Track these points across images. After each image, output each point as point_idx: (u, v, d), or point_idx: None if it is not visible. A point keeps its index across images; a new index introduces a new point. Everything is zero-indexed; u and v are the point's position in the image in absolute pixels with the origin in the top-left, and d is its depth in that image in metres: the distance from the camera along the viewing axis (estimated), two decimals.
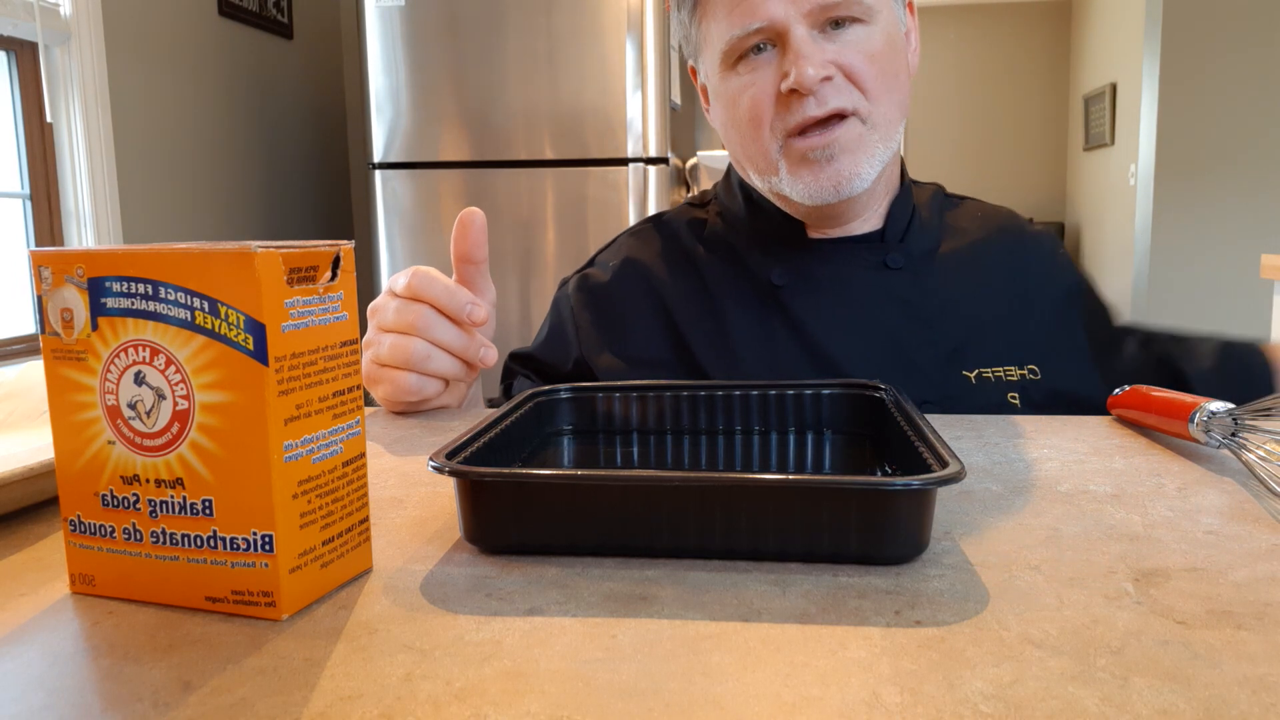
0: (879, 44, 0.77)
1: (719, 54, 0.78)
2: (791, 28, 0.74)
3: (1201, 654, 0.30)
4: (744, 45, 0.77)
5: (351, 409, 0.37)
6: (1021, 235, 0.89)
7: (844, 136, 0.76)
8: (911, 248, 0.84)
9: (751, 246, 0.86)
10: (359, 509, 0.38)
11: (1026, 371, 0.81)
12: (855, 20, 0.76)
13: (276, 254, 0.33)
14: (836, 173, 0.77)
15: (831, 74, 0.75)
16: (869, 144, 0.77)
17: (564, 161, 2.48)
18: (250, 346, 0.33)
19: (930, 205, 0.89)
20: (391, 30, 2.47)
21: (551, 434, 0.57)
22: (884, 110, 0.78)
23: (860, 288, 0.82)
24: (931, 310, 0.81)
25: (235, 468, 0.34)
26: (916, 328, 0.81)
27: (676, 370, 0.84)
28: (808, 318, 0.81)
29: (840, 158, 0.77)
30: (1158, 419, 0.58)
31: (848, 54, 0.75)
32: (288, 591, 0.35)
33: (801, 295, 0.83)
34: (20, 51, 2.15)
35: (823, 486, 0.39)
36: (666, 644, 0.32)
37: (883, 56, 0.77)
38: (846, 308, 0.82)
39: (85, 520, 0.37)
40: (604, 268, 0.91)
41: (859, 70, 0.76)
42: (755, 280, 0.85)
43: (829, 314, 0.81)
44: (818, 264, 0.84)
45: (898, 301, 0.82)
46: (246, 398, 0.33)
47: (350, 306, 0.37)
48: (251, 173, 2.87)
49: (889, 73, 0.77)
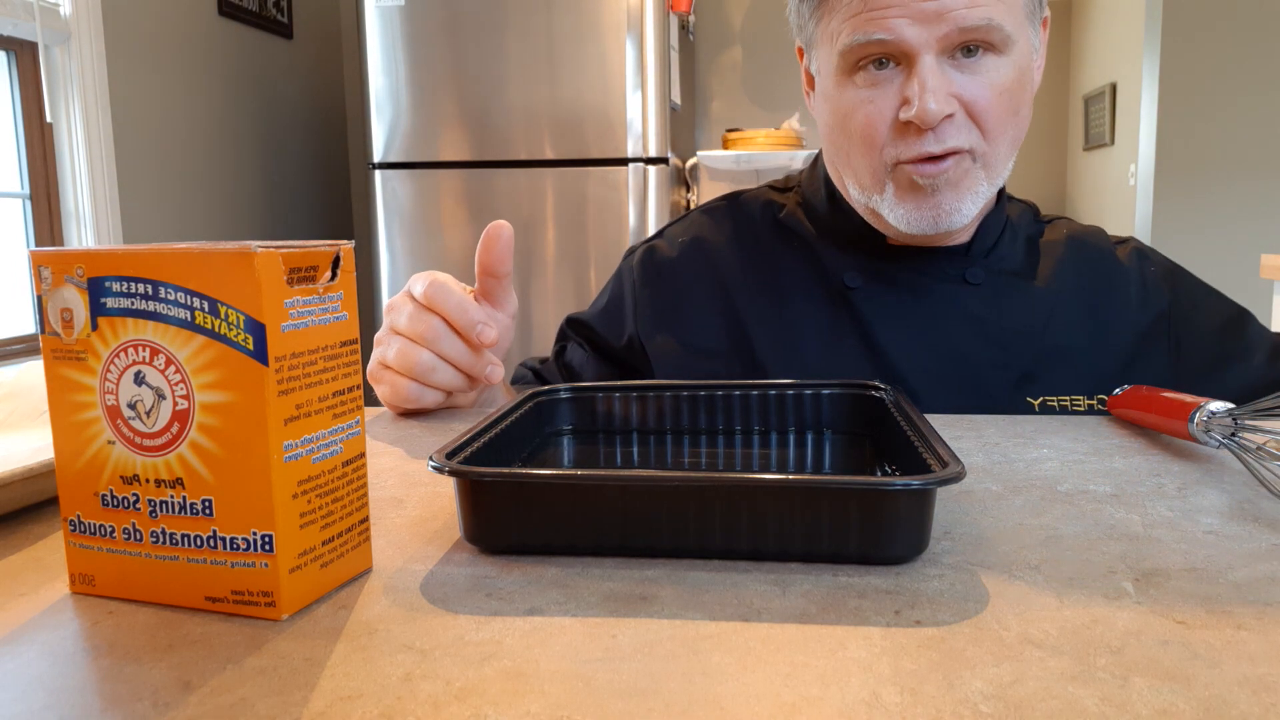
0: (1008, 78, 0.72)
1: (836, 54, 0.74)
2: (920, 53, 0.70)
3: (1201, 654, 0.30)
4: (865, 53, 0.72)
5: (351, 409, 0.37)
6: (1109, 259, 0.85)
7: (953, 172, 0.73)
8: (994, 265, 0.82)
9: (829, 243, 0.84)
10: (359, 509, 0.38)
11: (1095, 402, 0.78)
12: (990, 48, 0.71)
13: (276, 254, 0.33)
14: (937, 205, 0.74)
15: (954, 111, 0.71)
16: (975, 182, 0.74)
17: (564, 161, 2.48)
18: (250, 346, 0.33)
19: (1020, 224, 0.86)
20: (391, 30, 2.47)
21: (551, 434, 0.57)
22: (999, 149, 0.75)
23: (935, 300, 0.80)
24: (1005, 331, 0.79)
25: (235, 468, 0.34)
26: (987, 347, 0.78)
27: (732, 362, 0.82)
28: (877, 324, 0.79)
29: (944, 191, 0.74)
30: (1158, 419, 0.58)
31: (974, 88, 0.71)
32: (288, 591, 0.35)
33: (874, 300, 0.80)
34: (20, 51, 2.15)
35: (823, 486, 0.39)
36: (666, 644, 0.32)
37: (1009, 91, 0.73)
38: (918, 318, 0.79)
39: (85, 520, 0.37)
40: (672, 243, 0.89)
41: (982, 108, 0.72)
42: (828, 279, 0.82)
43: (900, 322, 0.79)
44: (895, 270, 0.81)
45: (972, 319, 0.79)
46: (246, 398, 0.33)
47: (350, 306, 0.37)
48: (251, 173, 2.87)
49: (1011, 109, 0.74)
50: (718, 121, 3.45)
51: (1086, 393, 0.79)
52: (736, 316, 0.83)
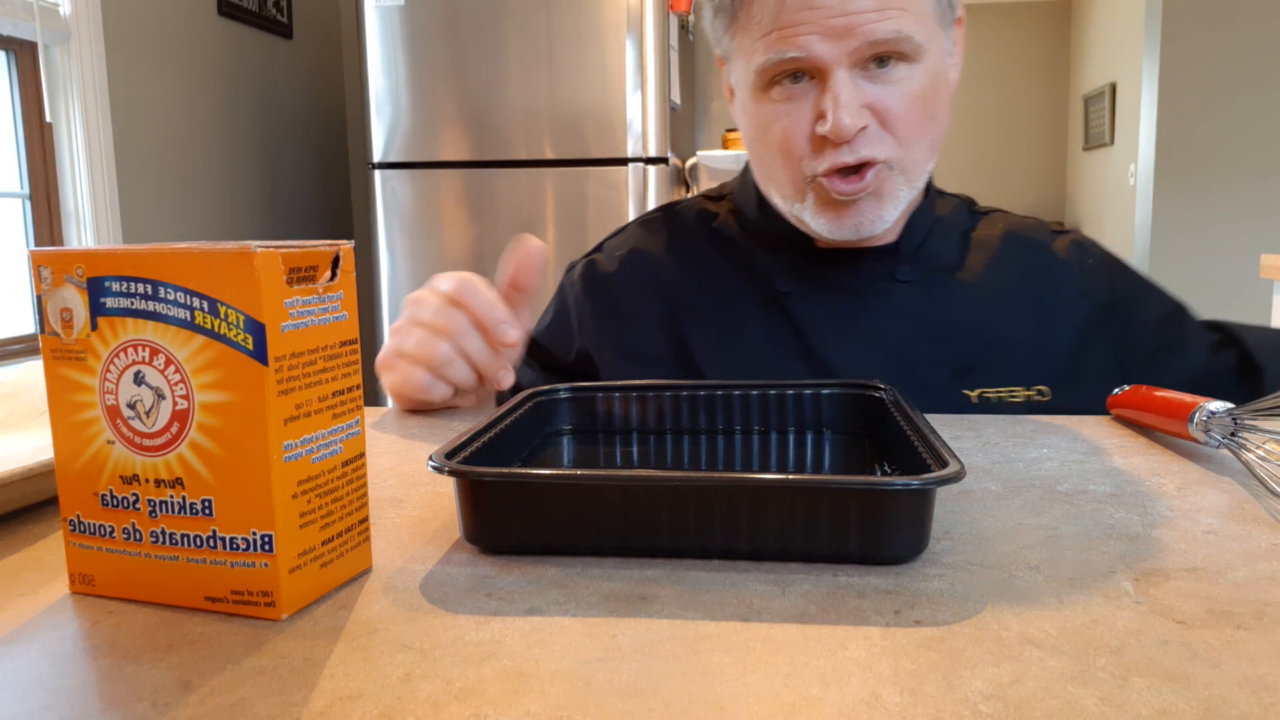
0: (921, 85, 0.73)
1: (753, 72, 0.75)
2: (832, 69, 0.71)
3: (1201, 654, 0.30)
4: (779, 70, 0.73)
5: (351, 409, 0.37)
6: (1046, 251, 0.85)
7: (872, 183, 0.74)
8: (926, 262, 0.83)
9: (760, 249, 0.85)
10: (359, 509, 0.38)
11: (1034, 393, 0.79)
12: (902, 58, 0.72)
13: (276, 254, 0.33)
14: (859, 213, 0.75)
15: (867, 123, 0.72)
16: (895, 189, 0.75)
17: (564, 161, 2.48)
18: (250, 346, 0.33)
19: (953, 219, 0.86)
20: (391, 30, 2.47)
21: (551, 434, 0.57)
22: (916, 155, 0.75)
23: (867, 300, 0.81)
24: (940, 326, 0.80)
25: (235, 467, 0.34)
26: (921, 343, 0.79)
27: (674, 370, 0.83)
28: (811, 327, 0.80)
29: (865, 201, 0.75)
30: (1157, 419, 0.58)
31: (887, 99, 0.72)
32: (287, 591, 0.35)
33: (806, 303, 0.81)
34: (20, 51, 2.15)
35: (823, 486, 0.39)
36: (666, 644, 0.32)
37: (923, 98, 0.73)
38: (852, 319, 0.80)
39: (85, 520, 0.37)
40: (611, 256, 0.90)
41: (895, 117, 0.73)
42: (762, 285, 0.83)
43: (833, 324, 0.80)
44: (826, 273, 0.82)
45: (905, 316, 0.80)
46: (246, 397, 0.33)
47: (350, 306, 0.37)
48: (251, 173, 2.87)
49: (926, 114, 0.74)
50: (718, 121, 3.45)
51: (1024, 384, 0.80)
52: (676, 325, 0.84)
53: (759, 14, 0.73)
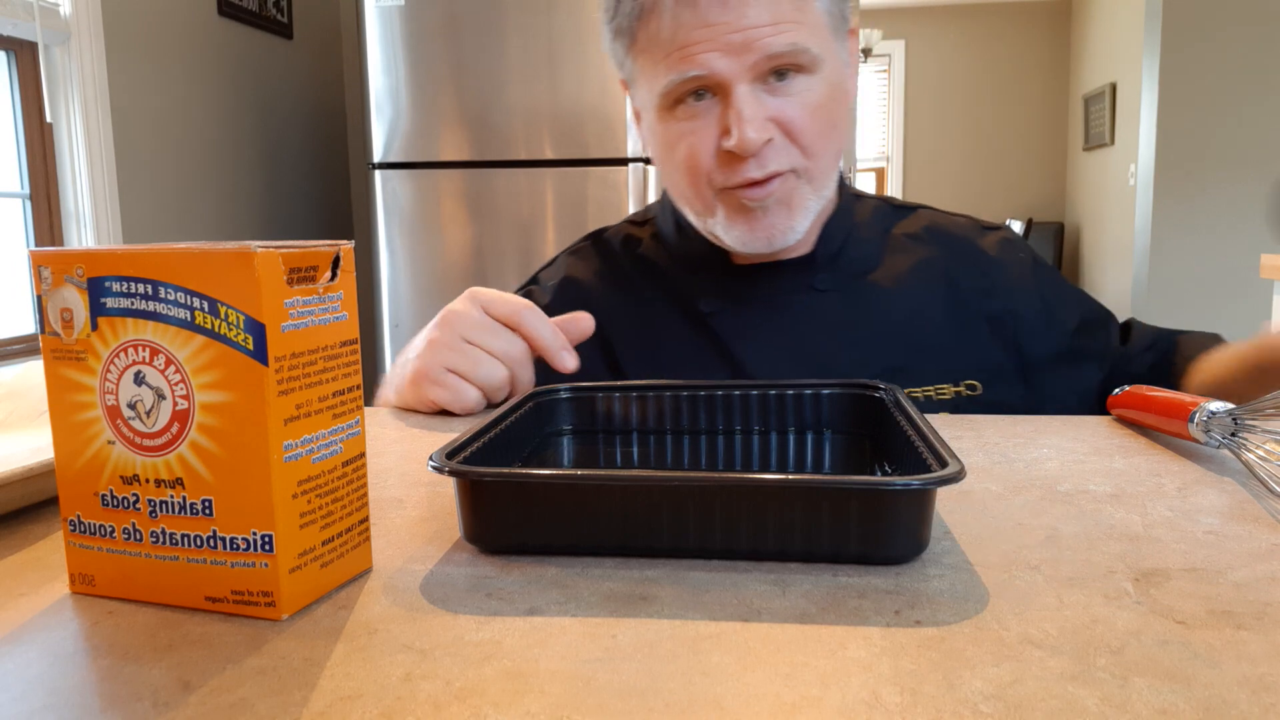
0: (821, 96, 0.75)
1: (656, 95, 0.76)
2: (734, 84, 0.72)
3: (1201, 654, 0.30)
4: (682, 91, 0.74)
5: (351, 409, 0.37)
6: (972, 247, 0.86)
7: (780, 191, 0.75)
8: (843, 268, 0.84)
9: (682, 271, 0.86)
10: (359, 509, 0.38)
11: (964, 388, 0.80)
12: (800, 70, 0.74)
13: (276, 254, 0.33)
14: (770, 225, 0.77)
15: (772, 135, 0.73)
16: (803, 197, 0.77)
17: (564, 161, 2.48)
18: (250, 346, 0.33)
19: (871, 222, 0.87)
20: (391, 30, 2.47)
21: (551, 434, 0.57)
22: (821, 164, 0.77)
23: (787, 312, 0.82)
24: (862, 331, 0.81)
25: (235, 468, 0.34)
26: (845, 349, 0.80)
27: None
28: (736, 344, 0.82)
29: (775, 210, 0.76)
30: (1157, 419, 0.58)
31: (789, 110, 0.74)
32: (287, 591, 0.35)
33: (730, 321, 0.83)
34: (20, 51, 2.15)
35: (823, 486, 0.39)
36: (666, 644, 0.32)
37: (824, 108, 0.75)
38: (775, 333, 0.82)
39: (85, 520, 0.37)
40: (544, 287, 0.92)
41: (799, 128, 0.74)
42: (686, 306, 0.85)
43: (757, 340, 0.82)
44: (745, 290, 0.84)
45: (826, 324, 0.81)
46: (246, 398, 0.33)
47: (350, 306, 0.37)
48: (251, 173, 2.87)
49: (829, 124, 0.76)
50: None
51: (953, 380, 0.80)
52: (611, 351, 0.85)
53: (657, 34, 0.74)
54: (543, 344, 0.69)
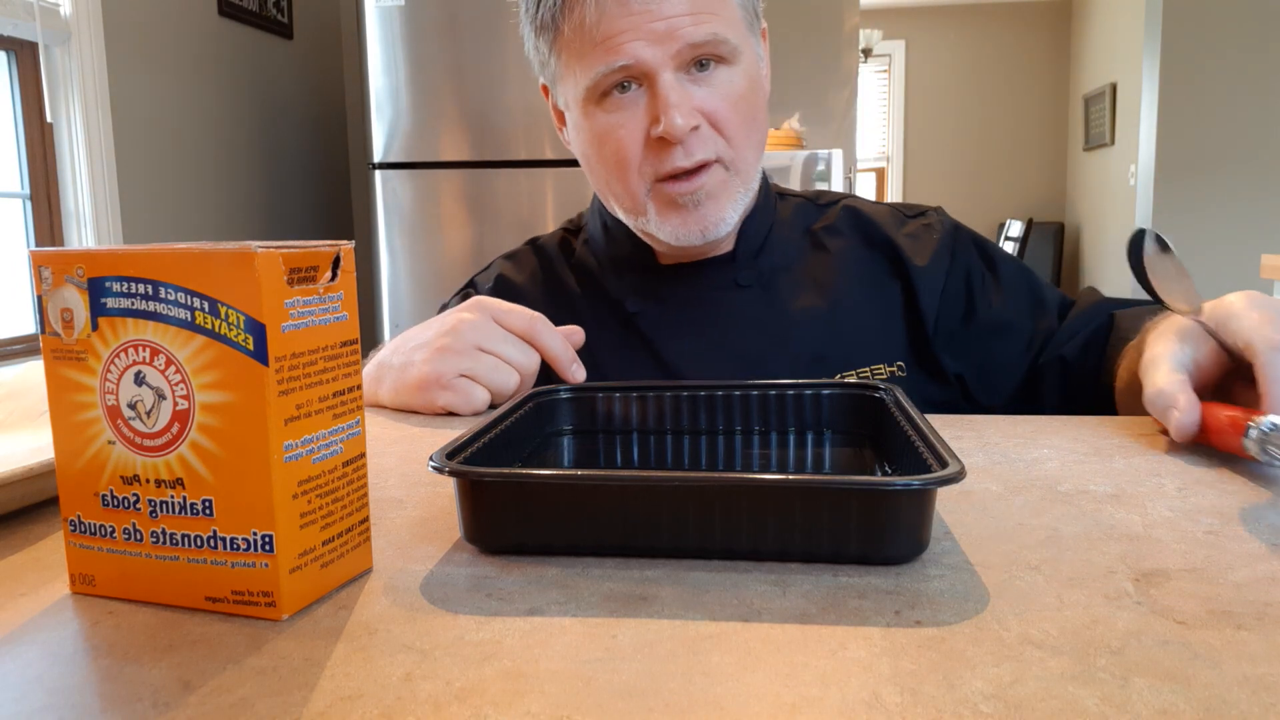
0: (742, 86, 0.77)
1: (583, 89, 0.77)
2: (659, 72, 0.74)
3: (1201, 654, 0.30)
4: (608, 83, 0.76)
5: (351, 409, 0.37)
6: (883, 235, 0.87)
7: (709, 183, 0.77)
8: (765, 264, 0.85)
9: (609, 273, 0.88)
10: (359, 509, 0.38)
11: (895, 369, 0.83)
12: (720, 61, 0.76)
13: (277, 254, 0.33)
14: (703, 218, 0.78)
15: (699, 123, 0.75)
16: (732, 189, 0.79)
17: (564, 161, 2.48)
18: (250, 346, 0.33)
19: (793, 220, 0.89)
20: (391, 30, 2.47)
21: (551, 434, 0.57)
22: (745, 154, 0.79)
23: (712, 309, 0.84)
24: (786, 323, 0.83)
25: (235, 468, 0.34)
26: (771, 342, 0.82)
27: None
28: (662, 343, 0.83)
29: (705, 204, 0.78)
30: (1205, 432, 0.53)
31: (713, 100, 0.76)
32: (288, 591, 0.35)
33: (655, 321, 0.84)
34: (20, 51, 2.15)
35: (823, 486, 0.39)
36: (666, 644, 0.32)
37: (745, 100, 0.77)
38: (698, 329, 0.83)
39: (85, 520, 0.37)
40: (480, 289, 0.93)
41: (723, 118, 0.76)
42: (614, 307, 0.86)
43: (682, 338, 0.83)
44: (669, 289, 0.85)
45: (749, 318, 0.83)
46: (246, 398, 0.33)
47: (350, 307, 0.37)
48: (251, 173, 2.87)
49: (750, 115, 0.78)
50: None
51: (886, 361, 0.83)
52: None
53: (580, 24, 0.75)
54: (555, 355, 0.72)
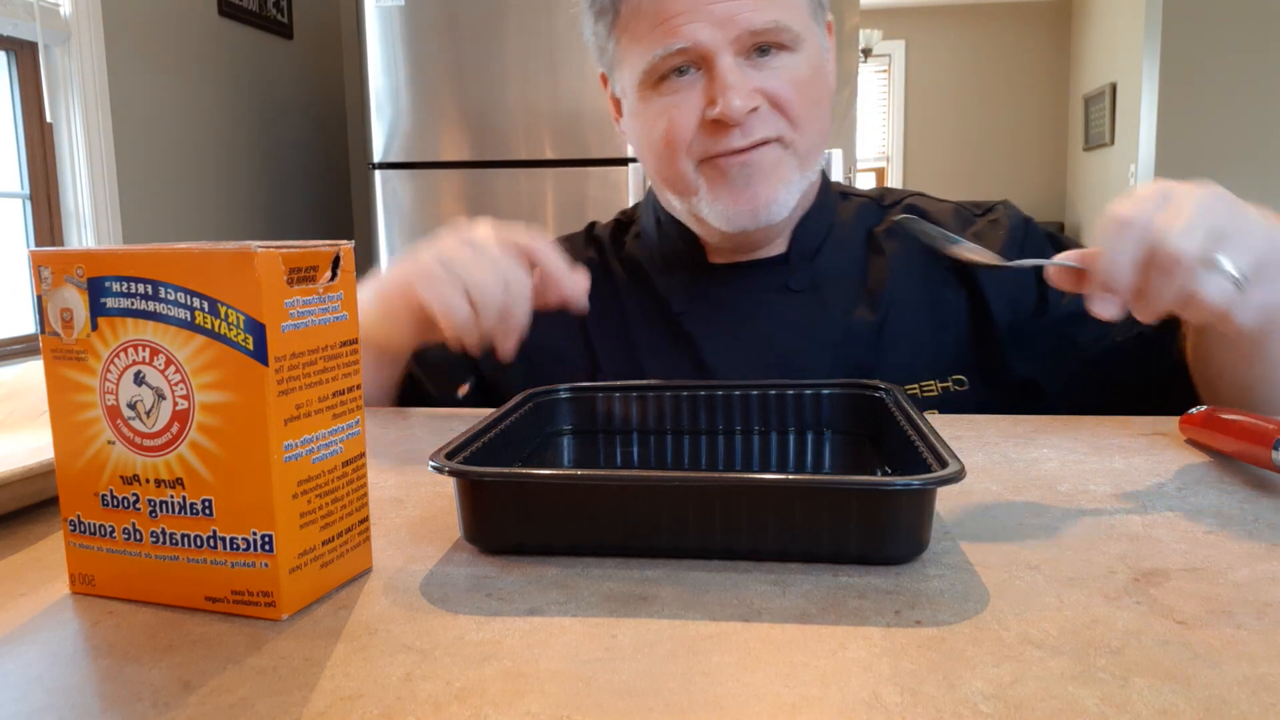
0: (805, 72, 0.75)
1: (640, 72, 0.76)
2: (718, 55, 0.72)
3: (1201, 654, 0.30)
4: (666, 66, 0.74)
5: (351, 409, 0.37)
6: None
7: (763, 160, 0.75)
8: (820, 268, 0.82)
9: (658, 270, 0.86)
10: (359, 509, 0.38)
11: (951, 383, 0.79)
12: (782, 48, 0.74)
13: (276, 254, 0.33)
14: (754, 197, 0.75)
15: (758, 104, 0.74)
16: (787, 170, 0.76)
17: (564, 161, 2.48)
18: (250, 346, 0.33)
19: (854, 222, 0.86)
20: (391, 30, 2.47)
21: (551, 434, 0.57)
22: (807, 138, 0.76)
23: (759, 313, 0.81)
24: (835, 332, 0.79)
25: (235, 468, 0.34)
26: (817, 351, 0.79)
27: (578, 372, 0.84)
28: (704, 343, 0.81)
29: (757, 182, 0.75)
30: (1236, 444, 0.51)
31: (774, 81, 0.74)
32: (287, 591, 0.35)
33: (699, 321, 0.82)
34: (20, 51, 2.15)
35: (823, 486, 0.39)
36: (666, 644, 0.32)
37: (809, 85, 0.76)
38: (743, 332, 0.81)
39: (85, 520, 0.37)
40: None
41: (785, 98, 0.74)
42: (660, 305, 0.84)
43: (725, 340, 0.81)
44: (718, 289, 0.83)
45: (796, 324, 0.80)
46: (246, 398, 0.33)
47: (350, 306, 0.37)
48: (251, 173, 2.87)
49: (814, 100, 0.76)
50: None
51: (938, 375, 0.79)
52: (587, 337, 0.85)
53: (637, 6, 0.75)
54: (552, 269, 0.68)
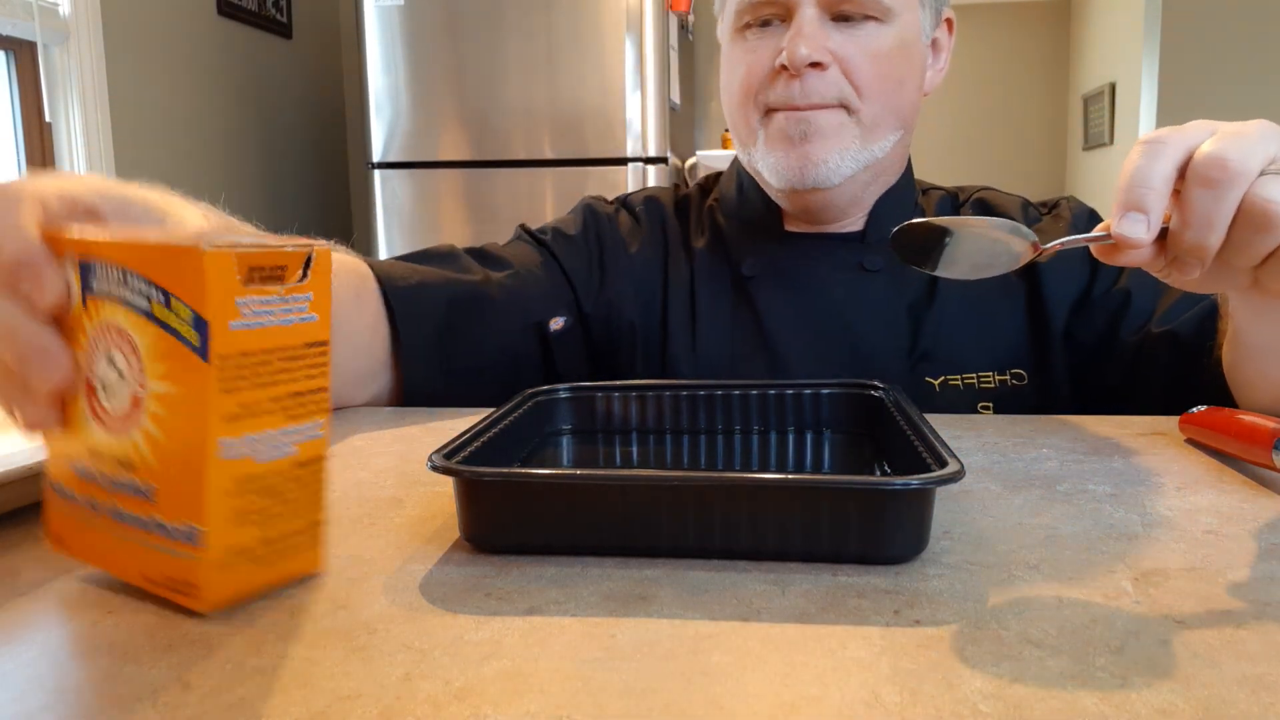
0: (888, 45, 0.76)
1: (732, 13, 0.79)
2: (801, 6, 0.74)
3: (1201, 654, 0.30)
4: (756, 14, 0.77)
5: (312, 410, 0.37)
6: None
7: (822, 122, 0.75)
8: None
9: (735, 233, 0.87)
10: (312, 510, 0.38)
11: (1009, 377, 0.79)
12: (870, 18, 0.75)
13: (230, 252, 0.33)
14: (805, 155, 0.76)
15: (826, 62, 0.74)
16: (846, 136, 0.76)
17: (564, 161, 2.48)
18: (195, 342, 0.33)
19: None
20: (391, 30, 2.47)
21: (551, 434, 0.57)
22: (876, 111, 0.76)
23: (830, 286, 0.82)
24: (904, 315, 0.80)
25: (175, 458, 0.34)
26: (883, 331, 0.80)
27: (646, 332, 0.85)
28: (769, 311, 0.81)
29: (813, 140, 0.76)
30: (1236, 444, 0.51)
31: (850, 46, 0.75)
32: (214, 584, 0.34)
33: (767, 289, 0.83)
34: (19, 51, 2.15)
35: (823, 486, 0.39)
36: (666, 644, 0.32)
37: (888, 58, 0.76)
38: (809, 305, 0.81)
39: (64, 486, 0.38)
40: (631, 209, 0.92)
41: (857, 65, 0.75)
42: (731, 267, 0.85)
43: (791, 310, 0.81)
44: (791, 259, 0.83)
45: (868, 304, 0.81)
46: (187, 391, 0.33)
47: (322, 308, 0.36)
48: (251, 173, 2.87)
49: (891, 76, 0.76)
50: (717, 121, 3.45)
51: (997, 368, 0.80)
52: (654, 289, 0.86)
53: None
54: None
